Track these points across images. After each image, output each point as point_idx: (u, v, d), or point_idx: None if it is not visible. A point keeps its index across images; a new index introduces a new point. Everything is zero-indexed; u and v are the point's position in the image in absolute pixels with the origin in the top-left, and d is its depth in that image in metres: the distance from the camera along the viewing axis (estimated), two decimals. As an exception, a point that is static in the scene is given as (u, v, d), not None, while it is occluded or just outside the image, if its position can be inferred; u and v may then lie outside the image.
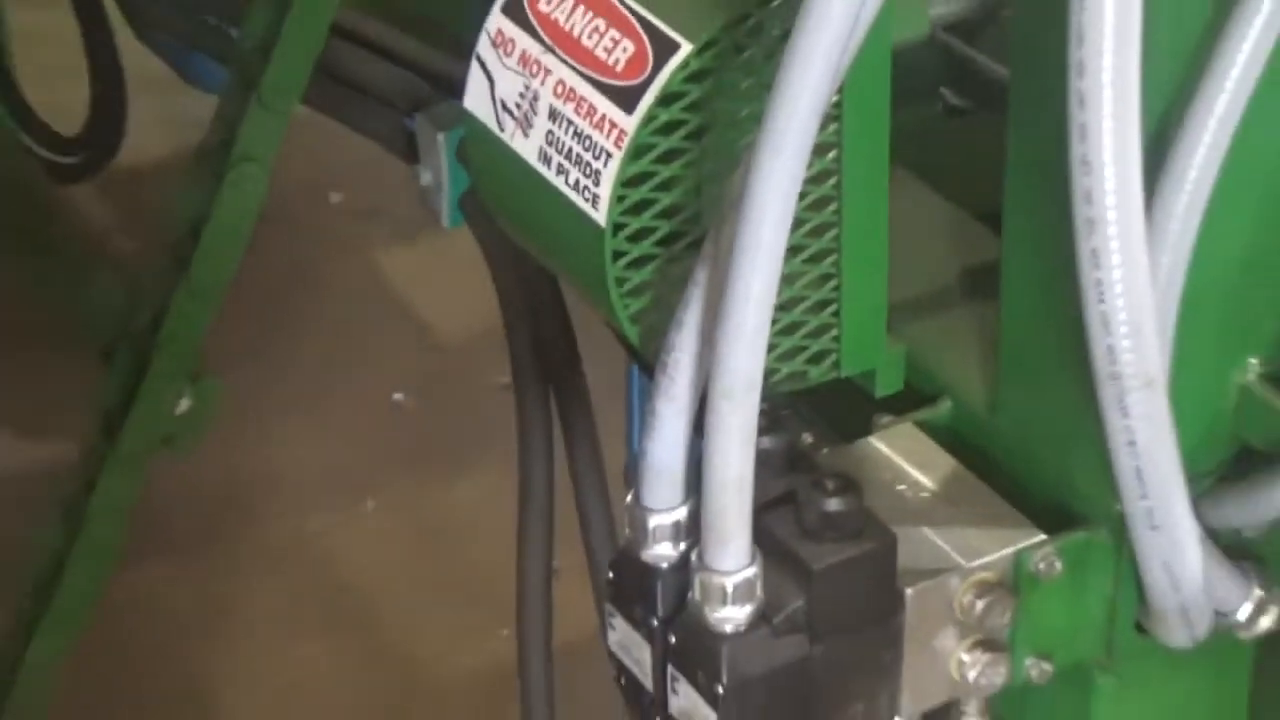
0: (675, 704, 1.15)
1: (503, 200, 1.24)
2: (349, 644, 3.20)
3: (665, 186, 1.13)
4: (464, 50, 1.22)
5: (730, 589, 1.09)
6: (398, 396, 3.66)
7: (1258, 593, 1.19)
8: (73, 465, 2.50)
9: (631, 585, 1.15)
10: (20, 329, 3.39)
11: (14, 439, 3.48)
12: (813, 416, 1.27)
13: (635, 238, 1.14)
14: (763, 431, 1.08)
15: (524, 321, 1.71)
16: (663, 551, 1.13)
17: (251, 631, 3.22)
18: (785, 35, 1.00)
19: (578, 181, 1.14)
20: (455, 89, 1.26)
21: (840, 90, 1.13)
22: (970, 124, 1.46)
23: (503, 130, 1.20)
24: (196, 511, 3.35)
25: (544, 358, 1.72)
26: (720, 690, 1.11)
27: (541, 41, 1.17)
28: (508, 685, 1.82)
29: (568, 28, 1.16)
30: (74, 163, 3.53)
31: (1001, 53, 1.37)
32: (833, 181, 1.17)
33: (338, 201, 4.05)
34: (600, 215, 1.13)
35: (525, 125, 1.18)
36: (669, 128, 1.12)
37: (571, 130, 1.14)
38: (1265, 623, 1.20)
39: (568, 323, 1.72)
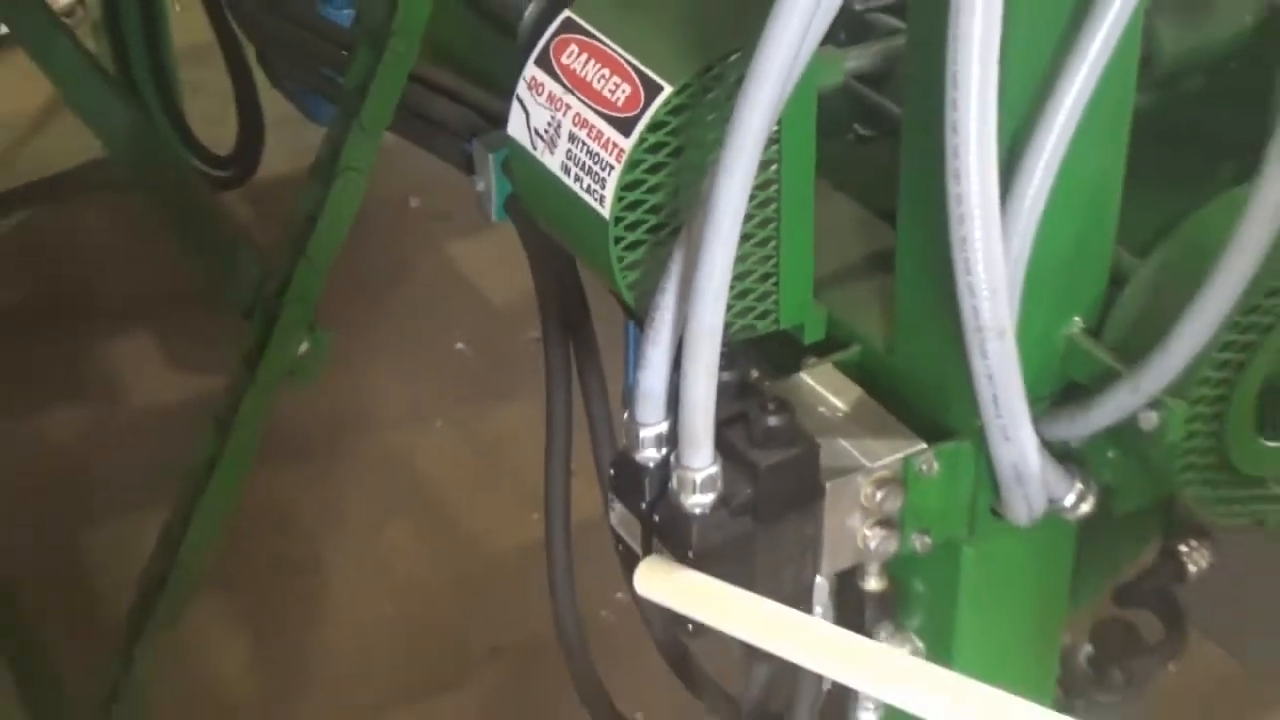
0: (658, 565, 1.15)
1: (536, 201, 1.24)
2: (424, 525, 3.19)
3: (653, 190, 1.13)
4: (507, 92, 1.22)
5: (699, 481, 1.10)
6: (459, 346, 3.64)
7: (1079, 486, 1.19)
8: (223, 392, 2.49)
9: (627, 479, 1.15)
10: (184, 295, 3.38)
11: (181, 374, 3.47)
12: (759, 357, 1.27)
13: (631, 228, 1.14)
14: (723, 368, 1.08)
15: (551, 290, 1.70)
16: (650, 454, 1.13)
17: (351, 516, 3.21)
18: (740, 81, 1.00)
19: (589, 187, 1.14)
20: (501, 121, 1.25)
21: (779, 122, 1.13)
22: (874, 148, 1.45)
23: (535, 150, 1.19)
24: (310, 429, 3.34)
25: (565, 317, 1.71)
26: (691, 556, 1.11)
27: (563, 85, 1.17)
28: (538, 554, 1.81)
29: (582, 75, 1.16)
30: (226, 176, 3.54)
31: (898, 96, 1.37)
32: (774, 187, 1.17)
33: (416, 205, 4.02)
34: (605, 211, 1.13)
35: (551, 146, 1.18)
36: (655, 147, 1.12)
37: (585, 149, 1.14)
38: (1084, 508, 1.20)
39: (582, 291, 1.72)
